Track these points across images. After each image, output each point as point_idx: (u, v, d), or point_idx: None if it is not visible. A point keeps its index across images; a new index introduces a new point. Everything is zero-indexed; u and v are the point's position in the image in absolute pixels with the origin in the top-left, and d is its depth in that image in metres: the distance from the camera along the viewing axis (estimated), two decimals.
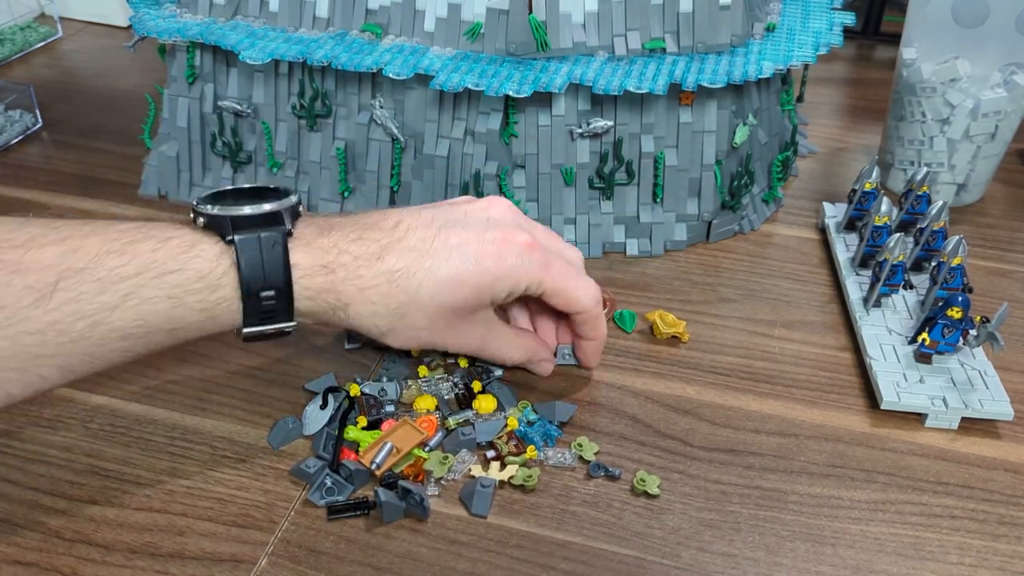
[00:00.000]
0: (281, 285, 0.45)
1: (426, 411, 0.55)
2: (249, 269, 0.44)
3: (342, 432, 0.52)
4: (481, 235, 0.48)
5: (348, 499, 0.50)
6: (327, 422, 0.54)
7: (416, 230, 0.48)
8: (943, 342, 0.58)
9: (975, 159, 0.76)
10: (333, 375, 0.58)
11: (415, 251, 0.47)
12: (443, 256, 0.47)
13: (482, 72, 0.65)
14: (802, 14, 0.77)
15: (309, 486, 0.51)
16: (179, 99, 0.76)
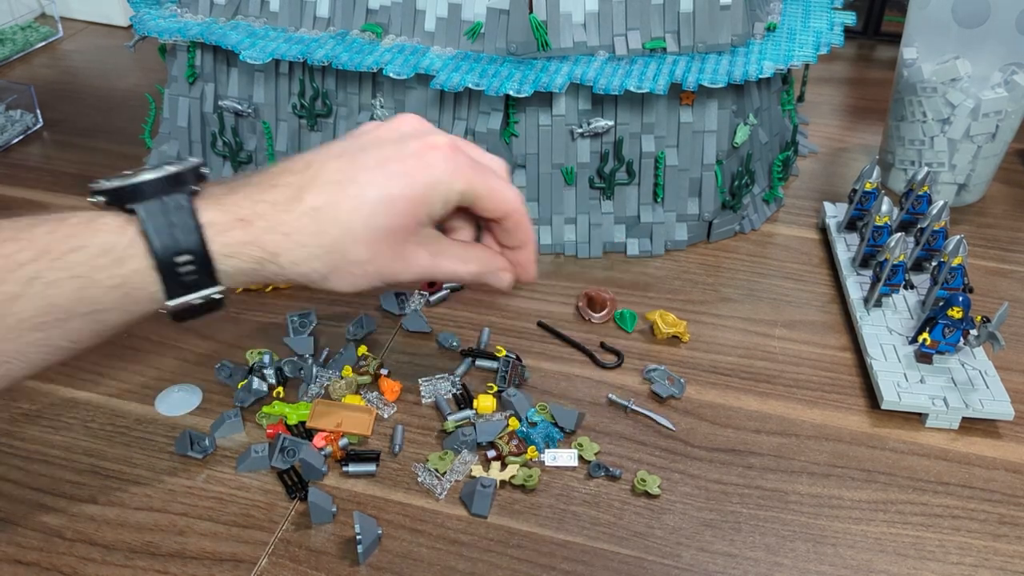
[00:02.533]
0: (196, 247, 0.41)
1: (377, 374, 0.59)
2: (157, 234, 0.41)
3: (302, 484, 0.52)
4: (400, 149, 0.45)
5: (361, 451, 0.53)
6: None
7: (329, 162, 0.45)
8: (944, 342, 0.58)
9: (976, 159, 0.76)
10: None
11: (335, 183, 0.44)
12: (366, 179, 0.44)
13: (482, 72, 0.65)
14: (803, 14, 0.77)
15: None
16: (179, 99, 0.76)
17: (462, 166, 0.45)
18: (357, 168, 0.44)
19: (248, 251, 0.43)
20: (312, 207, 0.43)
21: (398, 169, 0.44)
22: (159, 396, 0.57)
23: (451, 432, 0.54)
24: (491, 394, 0.57)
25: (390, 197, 0.44)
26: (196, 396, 0.57)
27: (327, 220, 0.43)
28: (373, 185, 0.43)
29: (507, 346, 0.62)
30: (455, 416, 0.55)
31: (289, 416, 0.55)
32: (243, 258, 0.43)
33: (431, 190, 0.44)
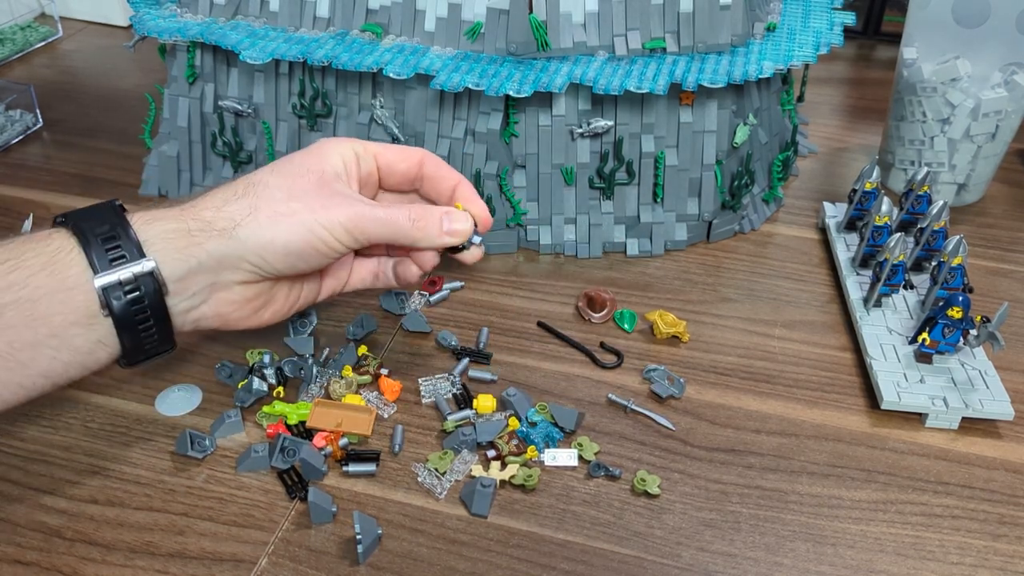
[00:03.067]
0: (116, 222, 0.44)
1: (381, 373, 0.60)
2: (81, 219, 0.44)
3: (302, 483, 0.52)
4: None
5: (361, 451, 0.54)
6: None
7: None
8: (943, 342, 0.58)
9: (975, 159, 0.76)
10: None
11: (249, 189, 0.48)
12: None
13: (482, 72, 0.65)
14: (803, 14, 0.77)
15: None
16: (179, 99, 0.76)
17: (349, 139, 0.52)
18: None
19: (170, 215, 0.45)
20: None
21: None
22: (159, 396, 0.57)
23: (451, 432, 0.54)
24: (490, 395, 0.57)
25: (288, 159, 0.50)
26: (196, 396, 0.57)
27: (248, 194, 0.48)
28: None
29: (507, 346, 0.62)
30: (455, 416, 0.55)
31: (289, 416, 0.55)
32: (166, 220, 0.45)
33: (322, 148, 0.50)
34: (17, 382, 0.42)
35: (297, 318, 0.63)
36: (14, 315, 0.41)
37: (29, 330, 0.41)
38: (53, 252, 0.42)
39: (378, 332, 0.63)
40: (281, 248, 0.46)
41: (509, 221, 0.70)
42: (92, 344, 0.43)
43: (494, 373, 0.59)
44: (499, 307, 0.66)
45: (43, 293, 0.41)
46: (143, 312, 0.44)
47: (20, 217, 0.73)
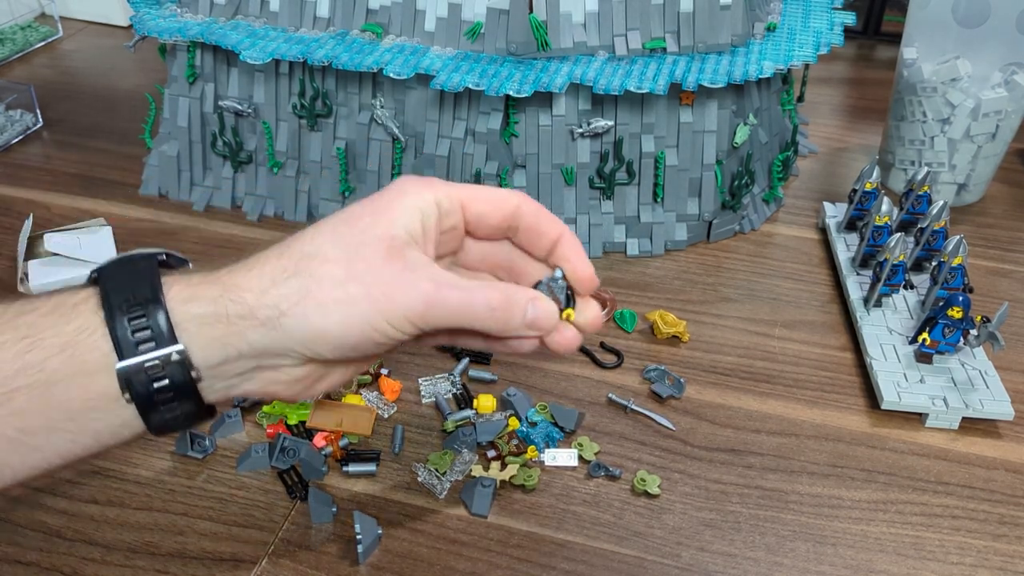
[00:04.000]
0: (149, 295, 0.38)
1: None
2: (112, 287, 0.38)
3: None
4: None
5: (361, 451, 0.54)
6: None
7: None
8: (944, 342, 0.58)
9: (976, 159, 0.76)
10: None
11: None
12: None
13: (482, 72, 0.65)
14: (803, 14, 0.77)
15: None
16: (179, 99, 0.76)
17: (432, 181, 0.41)
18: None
19: (209, 294, 0.39)
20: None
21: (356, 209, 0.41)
22: None
23: (451, 432, 0.54)
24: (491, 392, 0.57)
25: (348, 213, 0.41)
26: None
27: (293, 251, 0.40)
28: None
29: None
30: (455, 416, 0.55)
31: (289, 416, 0.55)
32: (204, 301, 0.38)
33: (395, 200, 0.40)
34: (31, 464, 0.38)
35: None
36: (27, 400, 0.37)
37: (43, 416, 0.37)
38: (75, 332, 0.37)
39: None
40: (333, 340, 0.39)
41: None
42: (114, 428, 0.38)
43: (494, 373, 0.59)
44: None
45: (61, 377, 0.37)
46: (169, 395, 0.38)
47: (20, 217, 0.73)
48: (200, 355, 0.38)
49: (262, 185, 0.76)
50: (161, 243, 0.73)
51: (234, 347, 0.38)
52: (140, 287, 0.38)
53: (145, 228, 0.75)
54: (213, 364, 0.38)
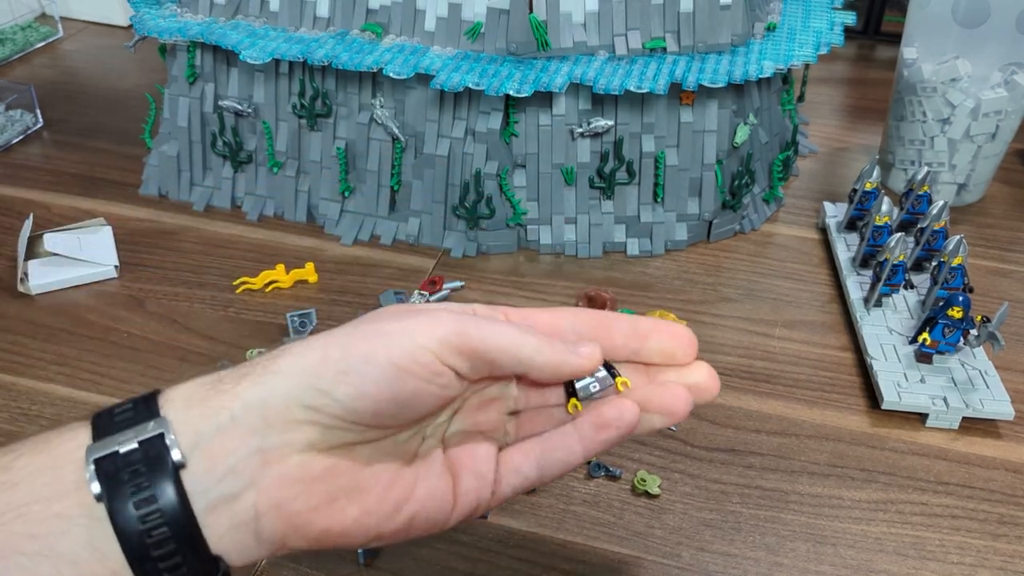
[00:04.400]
0: (141, 400, 0.30)
1: None
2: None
3: None
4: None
5: None
6: None
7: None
8: (944, 342, 0.58)
9: (976, 159, 0.76)
10: None
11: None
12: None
13: (482, 72, 0.65)
14: (803, 14, 0.77)
15: None
16: (179, 99, 0.76)
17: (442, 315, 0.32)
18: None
19: (202, 377, 0.31)
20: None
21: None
22: None
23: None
24: None
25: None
26: None
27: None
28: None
29: None
30: None
31: None
32: (196, 383, 0.31)
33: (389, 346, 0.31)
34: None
35: (297, 318, 0.63)
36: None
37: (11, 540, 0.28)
38: (53, 450, 0.29)
39: None
40: (355, 363, 0.30)
41: (509, 221, 0.70)
42: (87, 551, 0.28)
43: None
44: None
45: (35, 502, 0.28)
46: (145, 497, 0.28)
47: (20, 217, 0.73)
48: (182, 430, 0.29)
49: (262, 185, 0.76)
50: (161, 243, 0.73)
51: (225, 409, 0.29)
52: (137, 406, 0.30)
53: (145, 228, 0.75)
54: (197, 443, 0.29)
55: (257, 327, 0.63)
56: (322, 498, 0.30)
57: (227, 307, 0.66)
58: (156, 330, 0.63)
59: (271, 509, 0.29)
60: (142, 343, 0.62)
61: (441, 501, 0.33)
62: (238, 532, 0.29)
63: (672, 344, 0.36)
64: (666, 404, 0.35)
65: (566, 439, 0.34)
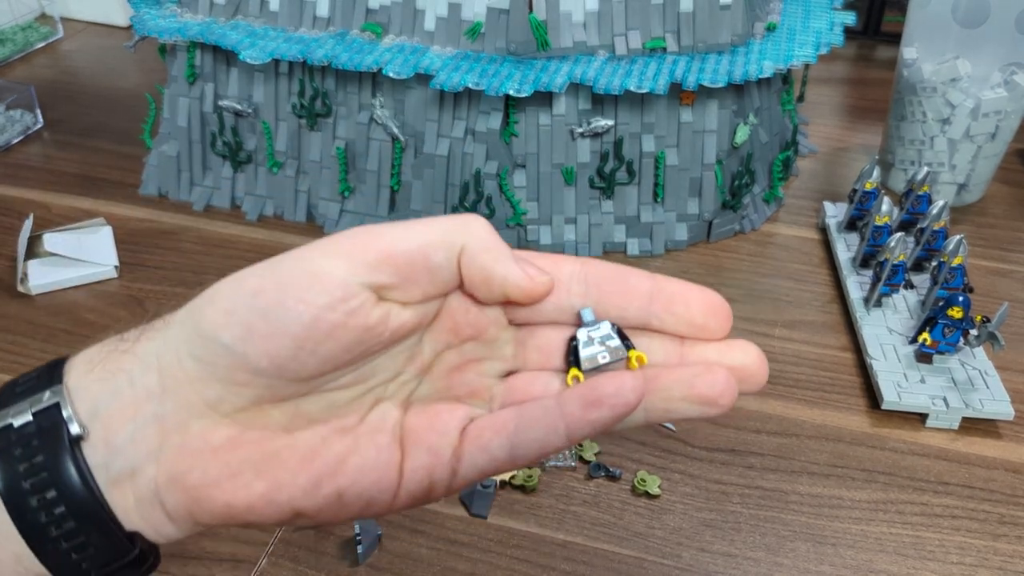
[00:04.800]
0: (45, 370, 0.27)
1: None
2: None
3: None
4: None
5: None
6: None
7: None
8: (944, 342, 0.58)
9: (975, 159, 0.76)
10: None
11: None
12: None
13: (482, 72, 0.65)
14: (803, 14, 0.77)
15: None
16: (179, 99, 0.76)
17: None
18: None
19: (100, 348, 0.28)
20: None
21: None
22: None
23: None
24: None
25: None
26: None
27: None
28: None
29: None
30: None
31: None
32: (104, 344, 0.28)
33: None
34: None
35: None
36: None
37: None
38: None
39: None
40: (243, 296, 0.25)
41: (509, 221, 0.70)
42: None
43: None
44: None
45: None
46: (41, 476, 0.25)
47: (20, 217, 0.73)
48: (80, 397, 0.26)
49: (262, 185, 0.76)
50: (161, 243, 0.73)
51: (123, 371, 0.26)
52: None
53: (145, 228, 0.75)
54: (99, 408, 0.26)
55: None
56: (222, 471, 0.26)
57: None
58: None
59: (169, 483, 0.26)
60: None
61: (380, 478, 0.27)
62: (145, 508, 0.26)
63: (703, 313, 0.28)
64: (703, 390, 0.27)
65: (548, 415, 0.27)
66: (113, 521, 0.26)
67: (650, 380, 0.27)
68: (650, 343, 0.28)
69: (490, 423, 0.28)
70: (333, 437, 0.27)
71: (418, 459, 0.28)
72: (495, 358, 0.29)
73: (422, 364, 0.29)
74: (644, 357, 0.28)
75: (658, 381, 0.27)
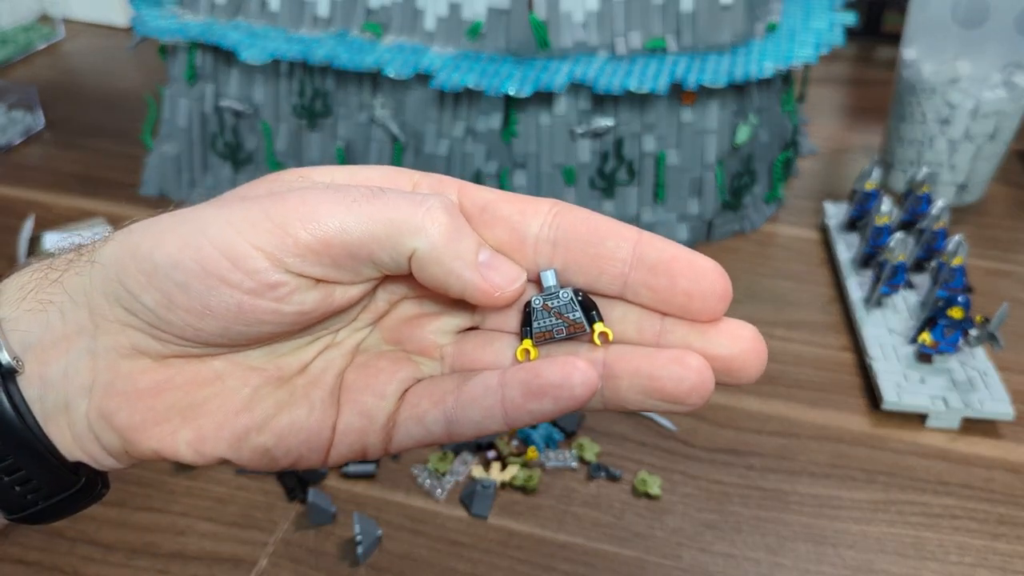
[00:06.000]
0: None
1: None
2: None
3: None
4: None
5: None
6: None
7: None
8: (944, 342, 0.58)
9: (975, 159, 0.76)
10: None
11: None
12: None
13: (483, 71, 0.65)
14: (803, 14, 0.77)
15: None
16: (179, 99, 0.76)
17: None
18: None
19: (43, 263, 0.27)
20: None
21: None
22: None
23: None
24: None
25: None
26: None
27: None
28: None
29: None
30: None
31: None
32: (32, 269, 0.27)
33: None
34: None
35: None
36: None
37: None
38: None
39: None
40: (161, 265, 0.24)
41: None
42: None
43: None
44: None
45: None
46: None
47: (21, 217, 0.73)
48: (11, 328, 0.25)
49: None
50: None
51: (52, 304, 0.25)
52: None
53: None
54: (30, 343, 0.25)
55: None
56: (148, 416, 0.25)
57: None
58: None
59: (99, 420, 0.26)
60: None
61: (310, 437, 0.26)
62: (83, 441, 0.26)
63: (690, 292, 0.24)
64: (667, 385, 0.24)
65: (488, 396, 0.25)
66: (53, 453, 0.25)
67: (610, 364, 0.24)
68: (626, 313, 0.25)
69: (429, 393, 0.27)
70: (267, 388, 0.26)
71: (351, 422, 0.27)
72: (453, 313, 0.27)
73: (376, 312, 0.27)
74: (610, 333, 0.25)
75: (618, 367, 0.24)
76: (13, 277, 0.26)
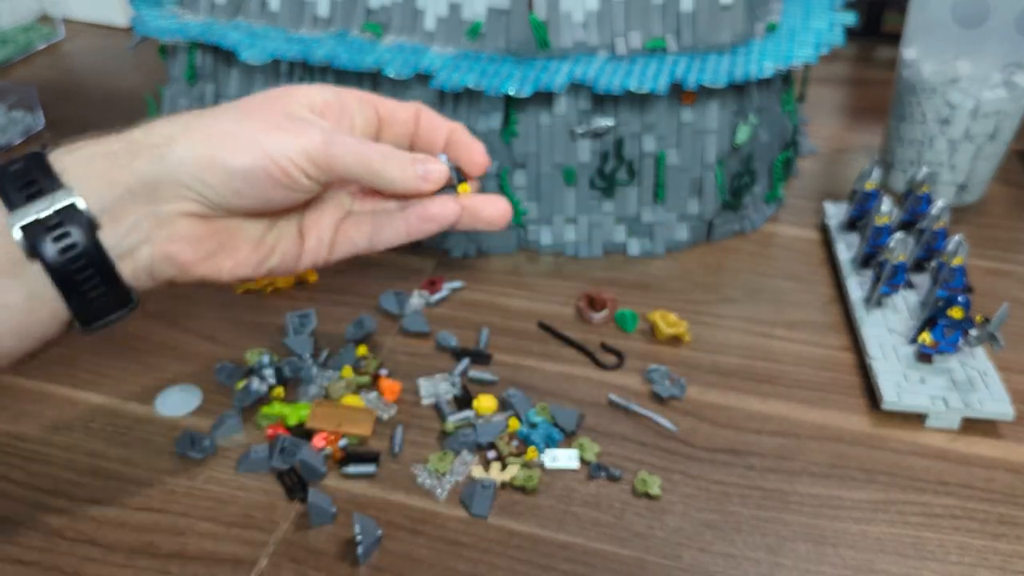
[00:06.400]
0: (31, 156, 0.38)
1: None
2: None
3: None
4: None
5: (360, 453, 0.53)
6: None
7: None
8: (944, 342, 0.58)
9: (975, 159, 0.76)
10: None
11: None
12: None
13: (482, 71, 0.65)
14: (803, 14, 0.77)
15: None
16: (179, 99, 0.76)
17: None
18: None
19: (93, 141, 0.40)
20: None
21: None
22: (159, 396, 0.57)
23: (451, 433, 0.54)
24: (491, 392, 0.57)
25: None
26: (196, 397, 0.57)
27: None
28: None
29: (507, 346, 0.62)
30: (455, 417, 0.56)
31: (288, 417, 0.55)
32: (87, 146, 0.40)
33: (290, 91, 0.44)
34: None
35: (297, 319, 0.63)
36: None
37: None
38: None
39: (377, 333, 0.63)
40: (226, 169, 0.39)
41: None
42: (26, 300, 0.37)
43: (495, 374, 0.59)
44: (499, 308, 0.66)
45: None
46: (74, 251, 0.37)
47: None
48: (90, 198, 0.37)
49: None
50: None
51: (121, 184, 0.38)
52: (22, 157, 0.39)
53: None
54: (104, 208, 0.38)
55: (257, 327, 0.63)
56: (201, 253, 0.41)
57: (227, 308, 0.66)
58: (155, 330, 0.63)
59: (163, 260, 0.40)
60: (142, 343, 0.62)
61: (291, 257, 0.45)
62: (137, 274, 0.39)
63: (467, 161, 0.47)
64: (492, 215, 0.48)
65: (394, 222, 0.46)
66: (120, 280, 0.39)
67: (464, 206, 0.46)
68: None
69: (355, 224, 0.46)
70: (267, 234, 0.44)
71: (310, 243, 0.45)
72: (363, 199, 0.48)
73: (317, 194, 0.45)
74: (468, 189, 0.47)
75: (467, 205, 0.46)
76: (71, 155, 0.39)
